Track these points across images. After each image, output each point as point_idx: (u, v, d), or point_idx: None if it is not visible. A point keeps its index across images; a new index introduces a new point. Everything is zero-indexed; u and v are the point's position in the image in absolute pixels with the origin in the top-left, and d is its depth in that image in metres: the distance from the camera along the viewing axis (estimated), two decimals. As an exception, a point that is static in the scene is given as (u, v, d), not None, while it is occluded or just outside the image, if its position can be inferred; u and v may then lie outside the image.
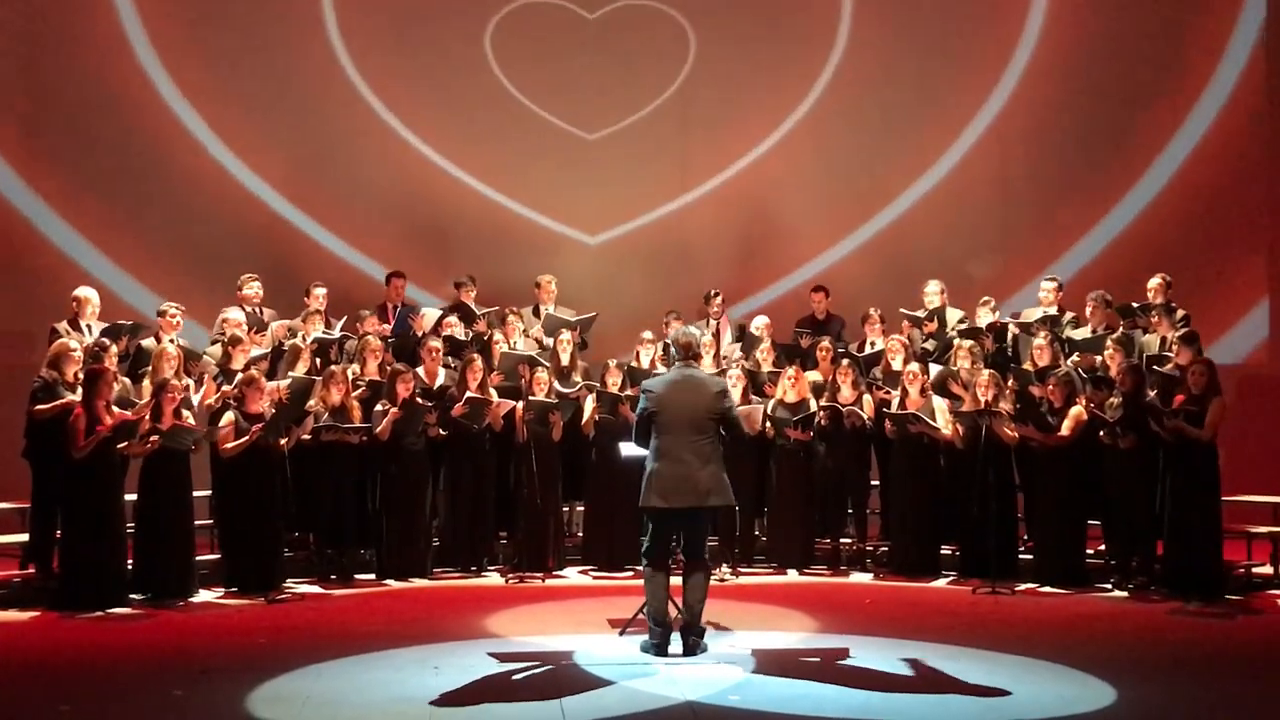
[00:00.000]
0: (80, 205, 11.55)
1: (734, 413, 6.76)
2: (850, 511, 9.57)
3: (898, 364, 9.53)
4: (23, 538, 8.54)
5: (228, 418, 8.45)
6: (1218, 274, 11.67)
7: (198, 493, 8.51)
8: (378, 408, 8.93)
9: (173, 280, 10.88)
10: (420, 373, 9.37)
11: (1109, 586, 8.60)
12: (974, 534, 8.82)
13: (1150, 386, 8.70)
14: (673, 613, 6.70)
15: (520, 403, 9.22)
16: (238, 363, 9.03)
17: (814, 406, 9.33)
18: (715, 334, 10.53)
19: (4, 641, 7.16)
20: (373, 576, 9.08)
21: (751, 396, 9.42)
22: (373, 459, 9.02)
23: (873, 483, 9.70)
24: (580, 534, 9.94)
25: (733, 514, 8.82)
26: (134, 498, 8.30)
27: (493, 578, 9.20)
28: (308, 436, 8.70)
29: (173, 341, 8.85)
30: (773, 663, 6.45)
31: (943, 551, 9.29)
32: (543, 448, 9.22)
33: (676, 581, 6.76)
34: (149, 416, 8.06)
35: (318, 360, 9.44)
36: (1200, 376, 8.21)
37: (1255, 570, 8.84)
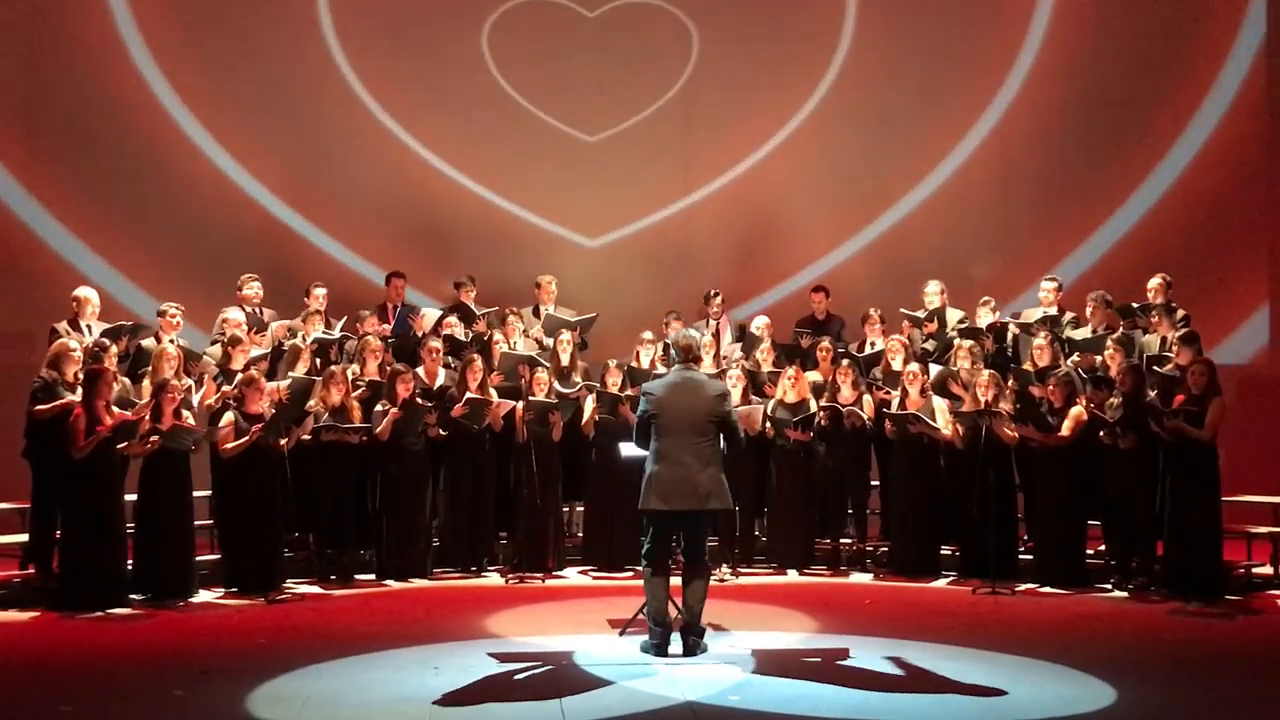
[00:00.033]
0: (78, 209, 11.48)
1: (733, 417, 6.75)
2: (850, 512, 9.57)
3: (898, 364, 9.53)
4: (23, 538, 8.54)
5: (228, 418, 8.45)
6: (1219, 280, 11.64)
7: (198, 493, 8.51)
8: (378, 408, 8.93)
9: (170, 284, 10.79)
10: (420, 373, 9.37)
11: (1109, 587, 8.60)
12: (974, 534, 8.82)
13: (1150, 387, 8.71)
14: (673, 613, 6.70)
15: (520, 403, 9.22)
16: (237, 363, 9.03)
17: (814, 407, 9.32)
18: (715, 334, 10.54)
19: (4, 641, 7.16)
20: (373, 577, 9.08)
21: (751, 397, 9.42)
22: (373, 459, 9.02)
23: (873, 483, 9.70)
24: (580, 534, 9.94)
25: (733, 514, 8.80)
26: (134, 498, 8.30)
27: (493, 578, 9.20)
28: (308, 437, 8.70)
29: (173, 342, 8.86)
30: (772, 663, 6.45)
31: (943, 552, 9.29)
32: (543, 448, 9.22)
33: (676, 582, 6.77)
34: (149, 417, 8.06)
35: (318, 360, 9.44)
36: (1200, 377, 8.21)
37: (1255, 570, 8.84)
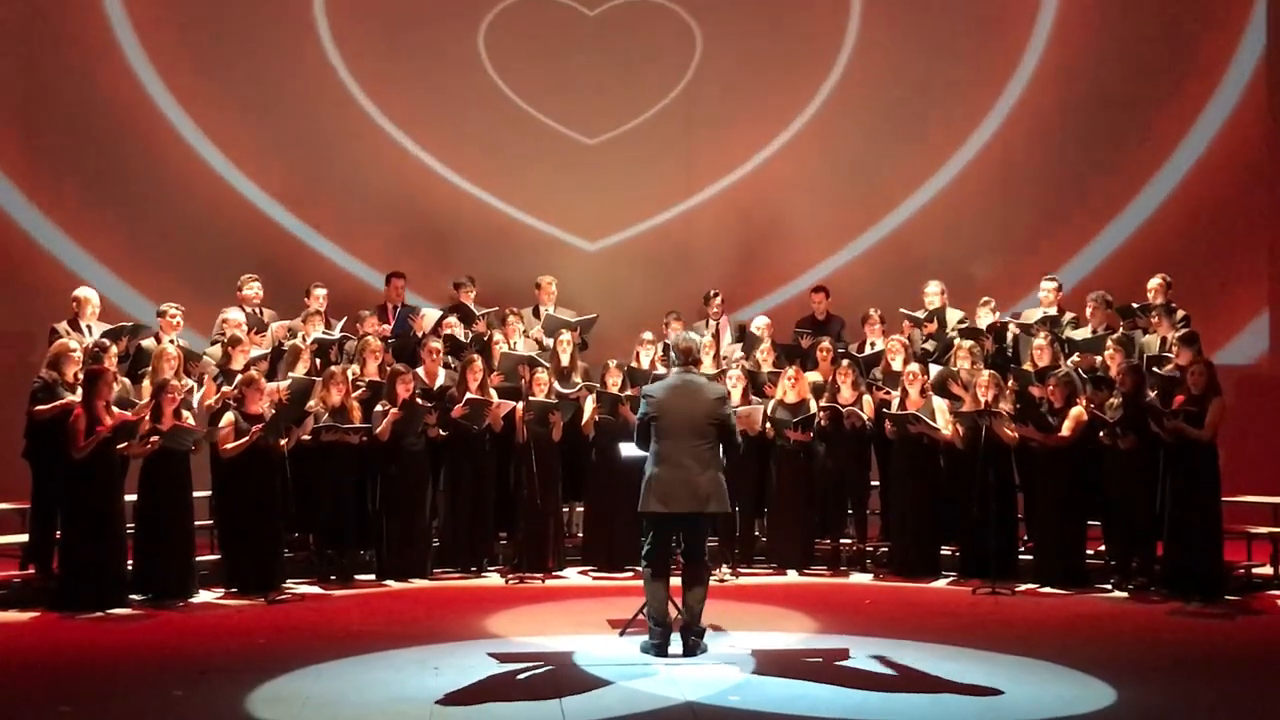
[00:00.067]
0: (74, 212, 11.41)
1: (732, 420, 6.75)
2: (850, 512, 9.57)
3: (898, 364, 9.53)
4: (23, 538, 8.54)
5: (228, 418, 8.45)
6: (1220, 284, 11.59)
7: (198, 493, 8.51)
8: (377, 408, 8.93)
9: (168, 287, 10.53)
10: (420, 373, 9.37)
11: (1109, 587, 8.60)
12: (974, 534, 8.82)
13: (1150, 388, 8.71)
14: (673, 613, 6.70)
15: (520, 403, 9.22)
16: (237, 363, 9.03)
17: (814, 407, 9.32)
18: (715, 334, 10.54)
19: (4, 641, 7.16)
20: (373, 577, 9.08)
21: (751, 397, 9.42)
22: (373, 459, 9.01)
23: (873, 483, 9.70)
24: (580, 534, 9.94)
25: (733, 515, 8.80)
26: (134, 498, 8.30)
27: (493, 578, 9.20)
28: (308, 437, 8.70)
29: (173, 342, 8.86)
30: (772, 663, 6.45)
31: (943, 552, 9.29)
32: (543, 448, 9.22)
33: (676, 583, 6.77)
34: (149, 417, 8.07)
35: (318, 361, 9.44)
36: (1200, 377, 8.21)
37: (1255, 571, 8.84)
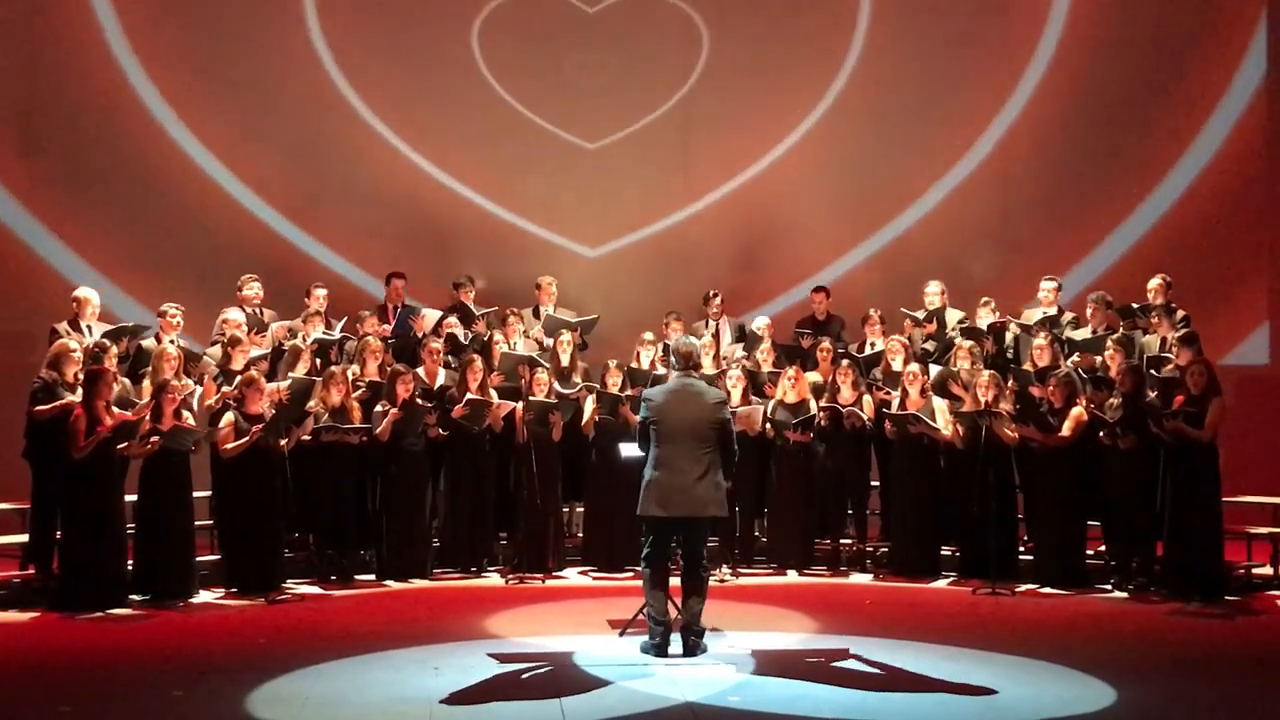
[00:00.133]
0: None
1: (731, 426, 6.76)
2: (850, 512, 9.57)
3: (898, 365, 9.53)
4: (23, 538, 8.54)
5: (228, 418, 8.44)
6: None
7: (198, 493, 8.51)
8: (377, 408, 8.93)
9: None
10: (420, 373, 9.37)
11: (1109, 587, 8.60)
12: (974, 534, 8.81)
13: (1150, 388, 8.71)
14: (672, 613, 6.71)
15: (520, 403, 9.22)
16: (237, 363, 9.02)
17: (814, 407, 9.32)
18: (715, 334, 10.53)
19: (4, 642, 7.15)
20: (373, 577, 9.07)
21: (751, 397, 9.42)
22: (373, 460, 9.01)
23: (873, 483, 9.70)
24: (580, 535, 9.94)
25: (732, 515, 8.79)
26: (134, 498, 8.30)
27: (493, 578, 9.19)
28: (308, 437, 8.70)
29: (173, 342, 8.86)
30: (772, 663, 6.45)
31: (943, 552, 9.29)
32: (543, 448, 9.22)
33: (676, 583, 6.78)
34: (149, 417, 8.06)
35: (318, 361, 9.43)
36: (1199, 377, 8.21)
37: (1255, 571, 8.85)
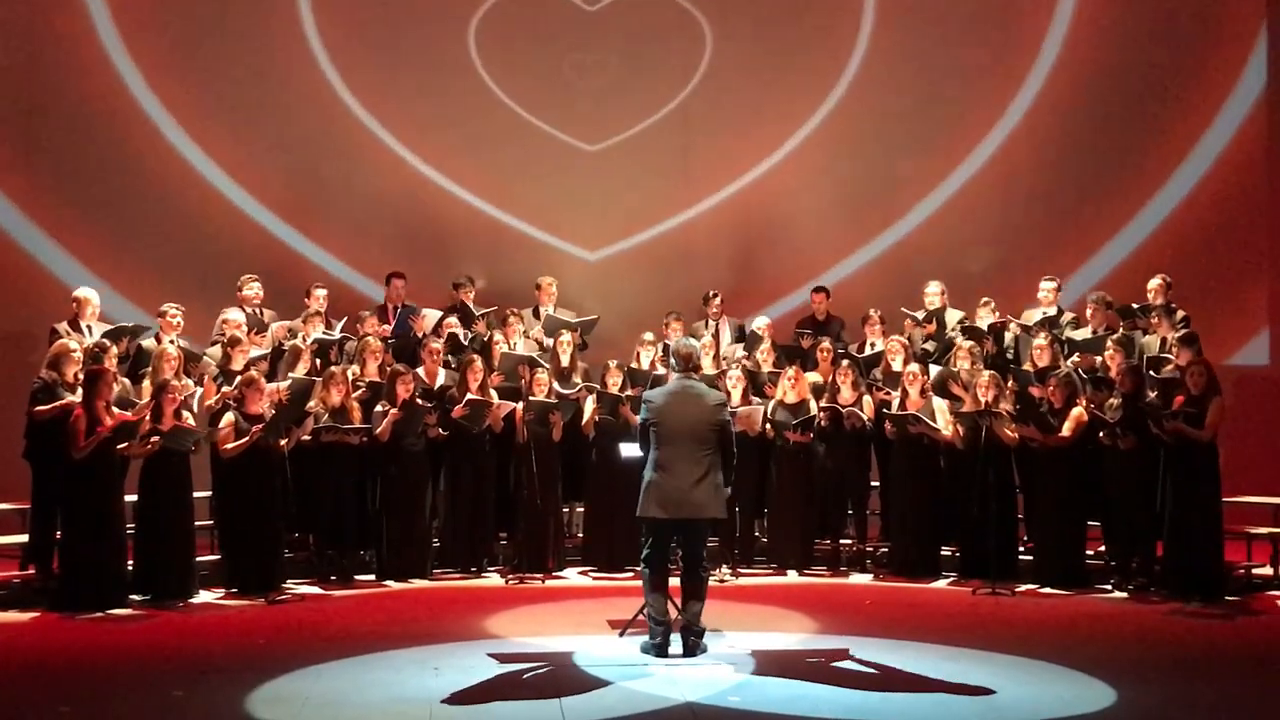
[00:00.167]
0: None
1: (730, 427, 6.77)
2: (850, 512, 9.57)
3: (898, 365, 9.53)
4: (23, 538, 8.54)
5: (228, 418, 8.45)
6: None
7: (198, 493, 8.51)
8: (377, 408, 8.93)
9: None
10: (420, 373, 9.37)
11: (1109, 587, 8.60)
12: (974, 535, 8.82)
13: (1150, 388, 8.71)
14: (672, 613, 6.71)
15: (520, 404, 9.22)
16: (237, 363, 9.02)
17: (814, 408, 9.32)
18: (715, 335, 10.53)
19: (4, 642, 7.15)
20: (373, 577, 9.08)
21: (751, 397, 9.42)
22: (373, 460, 9.01)
23: (873, 483, 9.70)
24: (580, 535, 9.94)
25: (732, 515, 8.80)
26: (134, 498, 8.30)
27: (493, 579, 9.19)
28: (308, 437, 8.70)
29: (173, 342, 8.86)
30: (772, 663, 6.45)
31: (943, 552, 9.29)
32: (543, 448, 9.22)
33: (675, 583, 6.78)
34: (149, 417, 8.06)
35: (318, 361, 9.44)
36: (1199, 377, 8.21)
37: (1255, 571, 8.85)
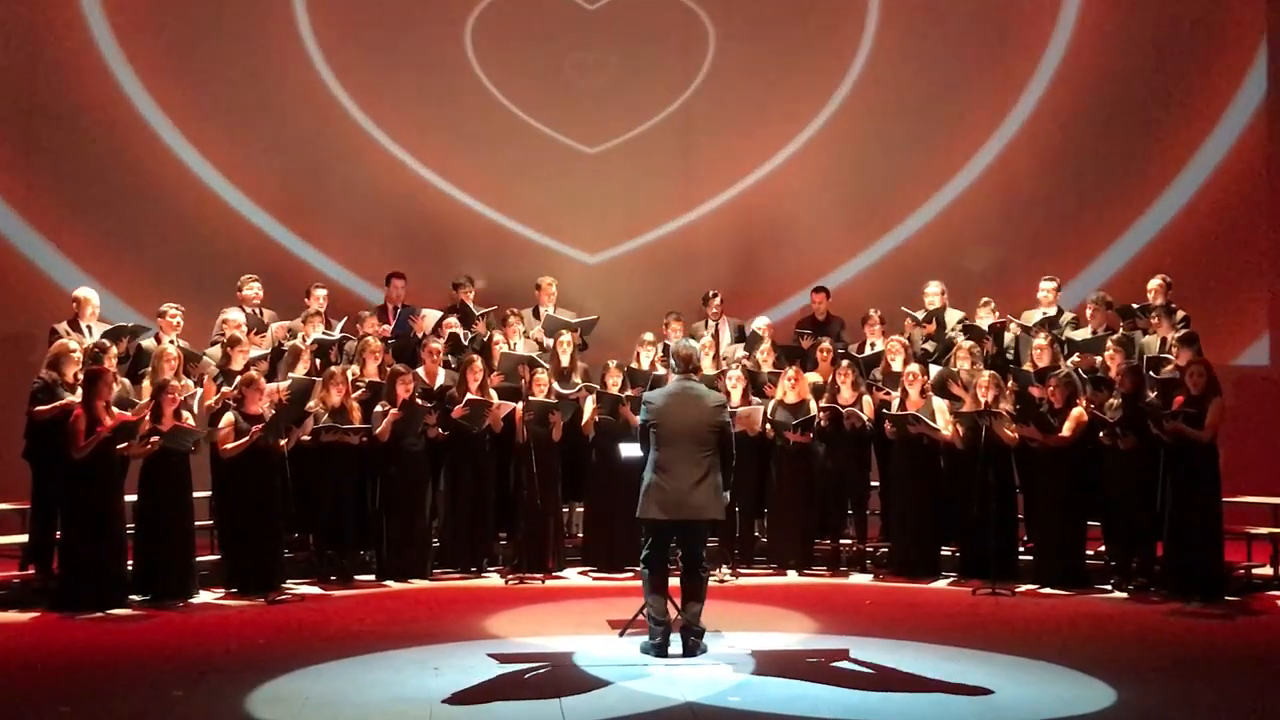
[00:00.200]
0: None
1: (730, 428, 6.78)
2: (850, 512, 9.57)
3: (898, 365, 9.53)
4: (23, 538, 8.54)
5: (227, 418, 8.45)
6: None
7: (198, 493, 8.51)
8: (377, 409, 8.93)
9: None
10: (420, 373, 9.37)
11: (1109, 587, 8.60)
12: (974, 535, 8.81)
13: (1150, 388, 8.71)
14: (672, 614, 6.71)
15: (520, 404, 9.22)
16: (237, 363, 9.02)
17: (814, 408, 9.32)
18: (714, 335, 10.53)
19: (4, 642, 7.15)
20: (372, 577, 9.08)
21: (751, 397, 9.42)
22: (372, 460, 9.01)
23: (873, 484, 9.70)
24: (580, 535, 9.94)
25: (733, 515, 8.81)
26: (134, 498, 8.30)
27: (493, 579, 9.19)
28: (307, 437, 8.70)
29: (173, 343, 8.86)
30: (772, 663, 6.45)
31: (943, 552, 9.29)
32: (542, 448, 9.22)
33: (675, 583, 6.78)
34: (149, 417, 8.06)
35: (317, 361, 9.44)
36: (1199, 377, 8.21)
37: (1255, 571, 8.85)
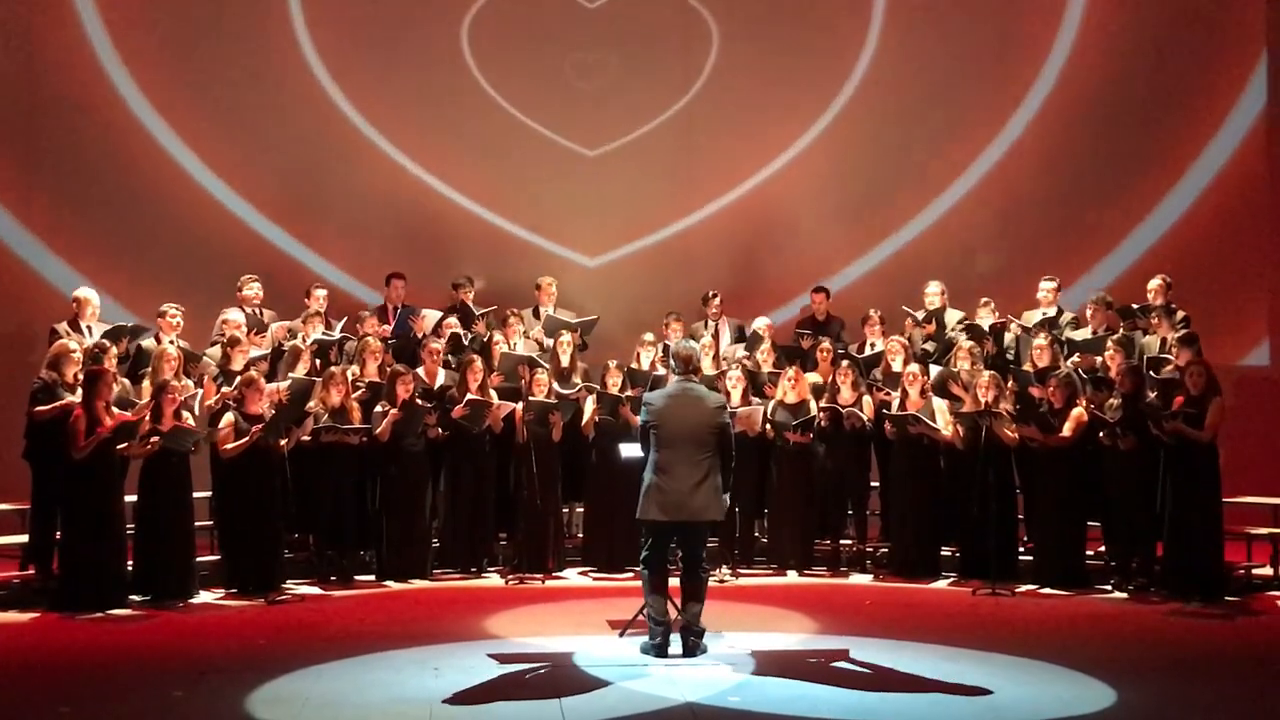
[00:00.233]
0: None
1: (730, 430, 6.78)
2: (850, 512, 9.57)
3: (898, 365, 9.53)
4: (23, 539, 8.54)
5: (227, 419, 8.45)
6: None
7: (198, 493, 8.51)
8: (377, 409, 8.93)
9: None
10: (420, 373, 9.37)
11: (1109, 588, 8.60)
12: (974, 535, 8.81)
13: (1150, 389, 8.71)
14: (672, 614, 6.71)
15: (520, 404, 9.22)
16: (237, 364, 9.02)
17: (814, 408, 9.32)
18: (714, 335, 10.53)
19: (4, 642, 7.15)
20: (372, 578, 9.08)
21: (751, 398, 9.42)
22: (372, 460, 9.01)
23: (873, 484, 9.69)
24: (580, 535, 9.94)
25: (733, 515, 8.81)
26: (134, 498, 8.30)
27: (493, 579, 9.19)
28: (307, 438, 8.70)
29: (173, 343, 8.86)
30: (772, 664, 6.45)
31: (943, 552, 9.29)
32: (542, 449, 9.22)
33: (675, 583, 6.78)
34: (149, 418, 8.06)
35: (317, 361, 9.44)
36: (1198, 377, 8.21)
37: (1255, 571, 8.85)
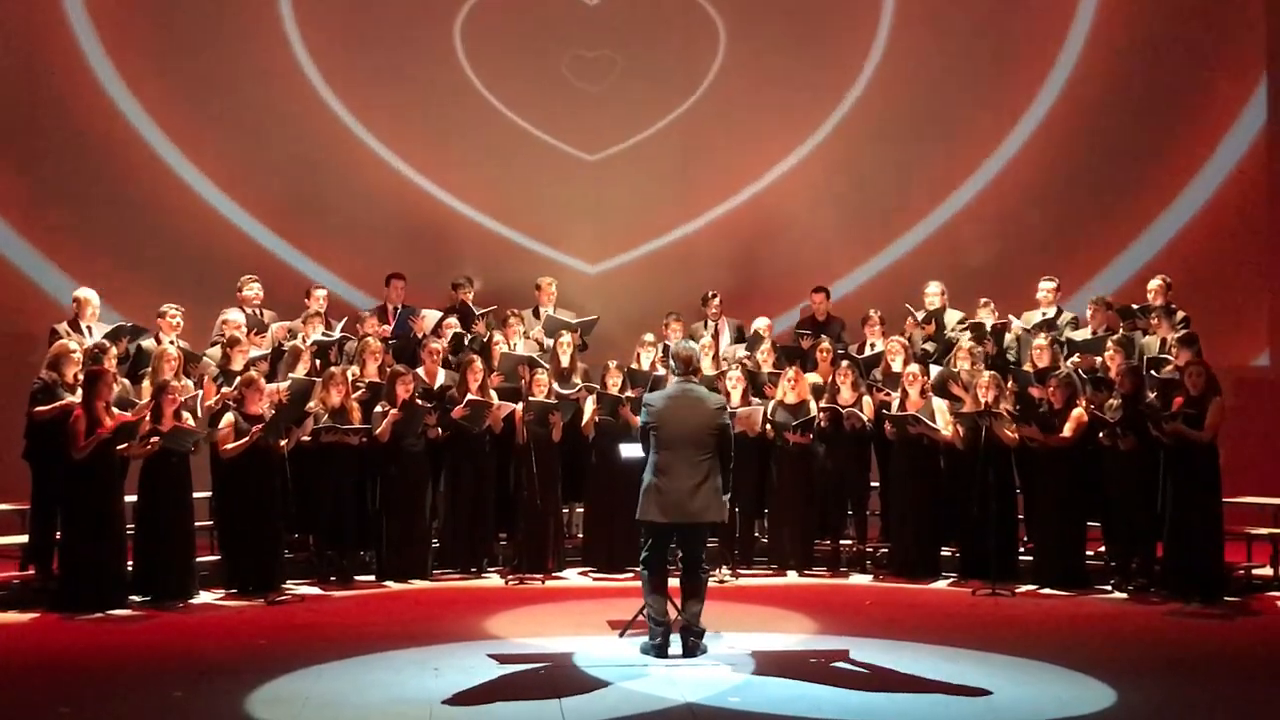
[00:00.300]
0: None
1: (730, 431, 6.78)
2: (850, 513, 9.57)
3: (898, 365, 9.53)
4: (23, 539, 8.54)
5: (227, 419, 8.45)
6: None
7: (198, 494, 8.51)
8: (377, 409, 8.93)
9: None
10: (420, 374, 9.37)
11: (1109, 588, 8.60)
12: (974, 535, 8.82)
13: (1150, 389, 8.71)
14: (672, 614, 6.71)
15: (520, 404, 9.22)
16: (237, 364, 9.02)
17: (814, 408, 9.32)
18: (714, 335, 10.53)
19: (4, 642, 7.15)
20: (372, 578, 9.08)
21: (751, 398, 9.42)
22: (372, 460, 9.01)
23: (873, 484, 9.70)
24: (580, 535, 9.94)
25: (733, 516, 8.81)
26: (134, 499, 8.30)
27: (492, 579, 9.19)
28: (307, 438, 8.70)
29: (172, 343, 8.86)
30: (772, 664, 6.45)
31: (943, 553, 9.29)
32: (542, 449, 9.22)
33: (675, 584, 6.78)
34: (149, 418, 8.07)
35: (317, 362, 9.44)
36: (1198, 378, 8.21)
37: (1255, 572, 8.85)
